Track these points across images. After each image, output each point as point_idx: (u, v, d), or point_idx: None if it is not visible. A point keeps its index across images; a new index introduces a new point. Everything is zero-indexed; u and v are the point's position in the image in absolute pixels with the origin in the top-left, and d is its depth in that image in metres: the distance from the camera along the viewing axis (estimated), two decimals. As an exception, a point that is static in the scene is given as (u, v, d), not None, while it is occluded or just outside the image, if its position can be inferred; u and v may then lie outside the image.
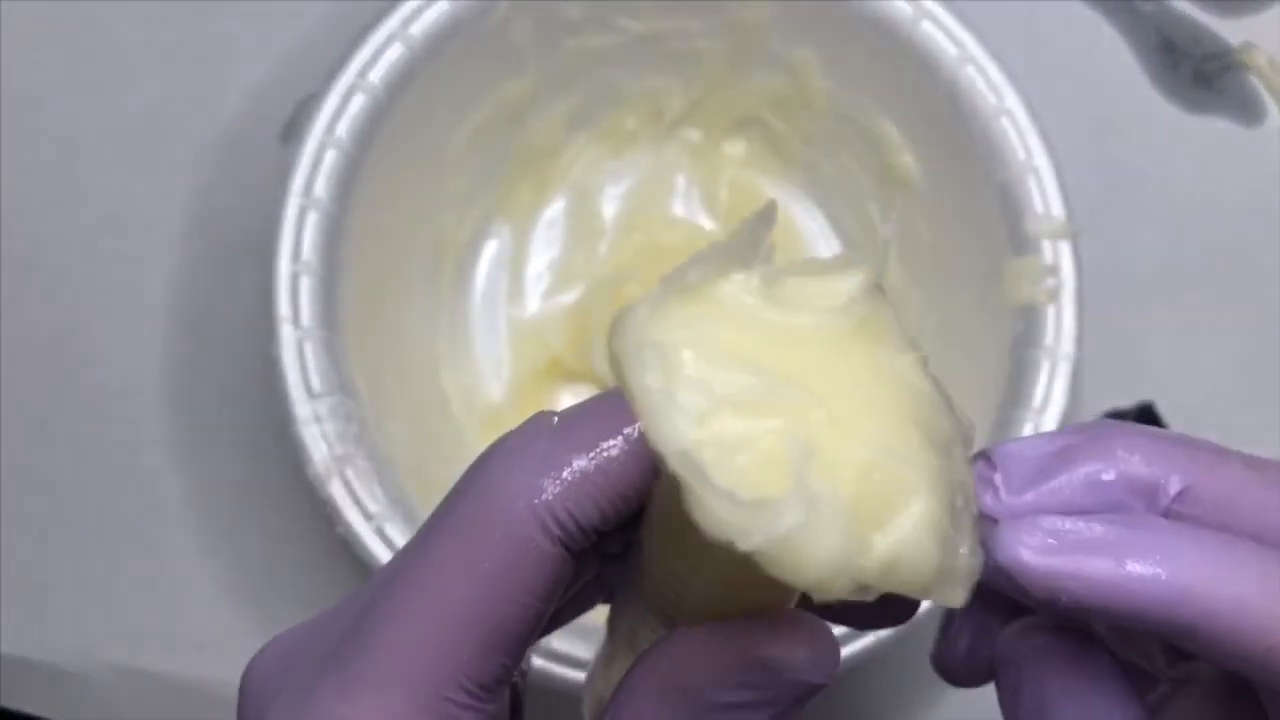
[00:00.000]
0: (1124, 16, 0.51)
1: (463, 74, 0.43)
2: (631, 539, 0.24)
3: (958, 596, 0.19)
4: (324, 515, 0.38)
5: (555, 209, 0.49)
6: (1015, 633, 0.24)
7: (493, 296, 0.48)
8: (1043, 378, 0.40)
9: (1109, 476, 0.22)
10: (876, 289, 0.21)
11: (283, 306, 0.39)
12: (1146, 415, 0.46)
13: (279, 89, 0.49)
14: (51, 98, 0.49)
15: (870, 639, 0.37)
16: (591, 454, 0.21)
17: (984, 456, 0.22)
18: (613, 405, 0.22)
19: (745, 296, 0.20)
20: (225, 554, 0.46)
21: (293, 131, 0.48)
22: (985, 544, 0.21)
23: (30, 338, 0.48)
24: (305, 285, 0.39)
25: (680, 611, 0.22)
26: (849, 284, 0.20)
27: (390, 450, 0.40)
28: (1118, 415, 0.47)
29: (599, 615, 0.26)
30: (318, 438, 0.38)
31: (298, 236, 0.39)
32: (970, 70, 0.42)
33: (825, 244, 0.49)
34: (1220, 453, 0.23)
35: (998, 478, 0.22)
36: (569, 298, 0.48)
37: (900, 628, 0.36)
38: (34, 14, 0.50)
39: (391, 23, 0.41)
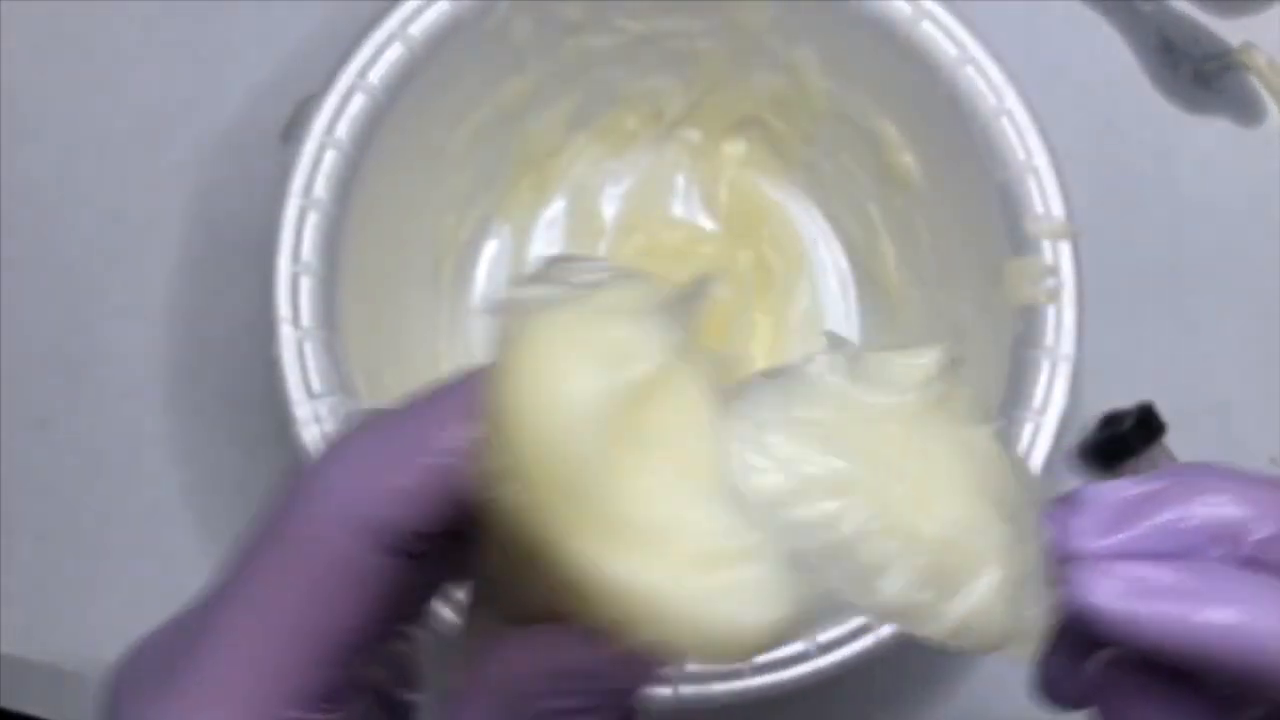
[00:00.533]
0: (1124, 17, 0.51)
1: (463, 74, 0.43)
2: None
3: (1025, 653, 0.21)
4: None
5: (555, 209, 0.49)
6: (1109, 662, 0.24)
7: (493, 296, 0.48)
8: (1043, 378, 0.40)
9: (1191, 523, 0.22)
10: (952, 365, 0.22)
11: (282, 307, 0.39)
12: (1146, 415, 0.46)
13: (279, 89, 0.49)
14: (52, 98, 0.49)
15: (870, 640, 0.37)
16: (408, 463, 0.21)
17: (1068, 499, 0.23)
18: (433, 407, 0.22)
19: (831, 376, 0.21)
20: (225, 554, 0.46)
21: (293, 131, 0.48)
22: (1064, 588, 0.22)
23: (31, 337, 0.48)
24: (305, 285, 0.39)
25: (513, 609, 0.23)
26: (926, 360, 0.22)
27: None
28: (1117, 415, 0.47)
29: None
30: (318, 438, 0.38)
31: (297, 237, 0.39)
32: (970, 70, 0.42)
33: (825, 244, 0.49)
34: None
35: (1078, 522, 0.23)
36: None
37: (894, 633, 0.37)
38: (35, 14, 0.50)
39: (391, 23, 0.41)
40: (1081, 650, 0.25)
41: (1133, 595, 0.22)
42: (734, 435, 0.21)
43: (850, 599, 0.20)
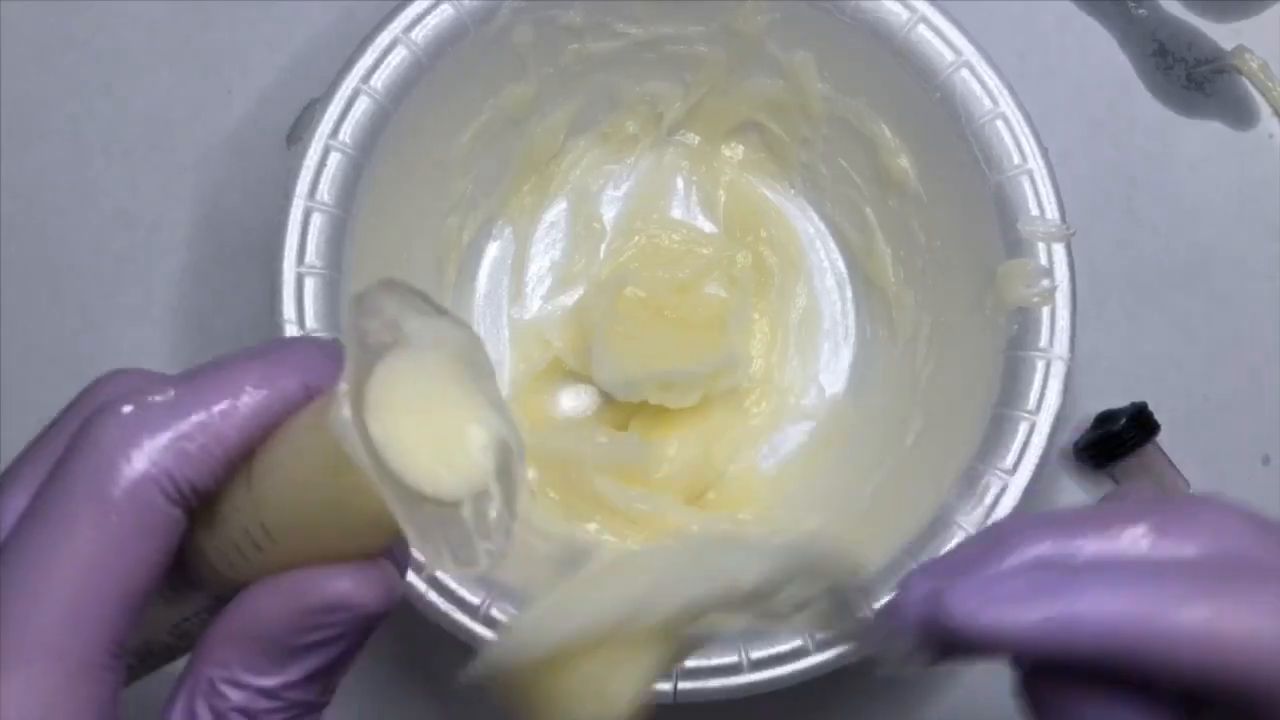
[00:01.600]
0: (1117, 20, 0.52)
1: (465, 78, 0.43)
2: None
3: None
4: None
5: (556, 211, 0.49)
6: (1031, 673, 0.26)
7: (495, 298, 0.48)
8: (1037, 379, 0.40)
9: (1021, 561, 0.24)
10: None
11: (287, 308, 0.39)
12: (1140, 415, 0.47)
13: (284, 93, 0.49)
14: (58, 101, 0.50)
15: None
16: (209, 420, 0.22)
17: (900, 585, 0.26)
18: (230, 370, 0.23)
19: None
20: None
21: (297, 135, 0.49)
22: (932, 619, 0.24)
23: (36, 339, 0.48)
24: (310, 287, 0.39)
25: (246, 571, 0.24)
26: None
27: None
28: (1111, 415, 0.47)
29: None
30: (322, 437, 0.38)
31: (302, 239, 0.40)
32: (965, 74, 0.42)
33: (822, 246, 0.49)
34: (1125, 535, 0.25)
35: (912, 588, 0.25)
36: (570, 299, 0.48)
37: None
38: (40, 17, 0.50)
39: (395, 28, 0.41)
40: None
41: (986, 602, 0.24)
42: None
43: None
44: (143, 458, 0.22)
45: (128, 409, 0.22)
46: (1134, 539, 0.24)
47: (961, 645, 0.24)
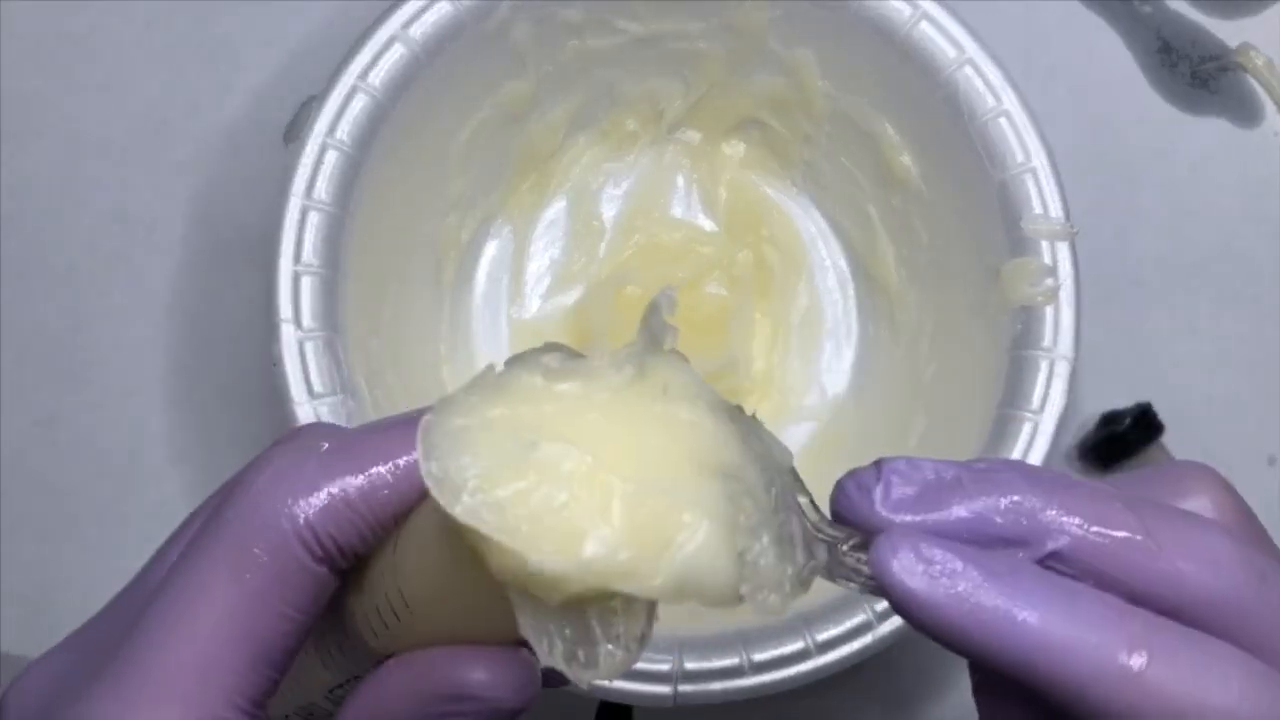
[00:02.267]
0: (1122, 18, 0.51)
1: (463, 75, 0.43)
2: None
3: (774, 609, 0.21)
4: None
5: (556, 210, 0.49)
6: (978, 683, 0.24)
7: (494, 297, 0.48)
8: (1041, 378, 0.40)
9: (990, 519, 0.22)
10: (665, 352, 0.23)
11: (284, 307, 0.39)
12: (1144, 415, 0.46)
13: (280, 90, 0.49)
14: (54, 98, 0.49)
15: (868, 638, 0.37)
16: (360, 482, 0.22)
17: (876, 464, 0.23)
18: (386, 434, 0.23)
19: (534, 379, 0.22)
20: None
21: (294, 132, 0.48)
22: (870, 554, 0.22)
23: (32, 337, 0.48)
24: (306, 285, 0.39)
25: (388, 641, 0.24)
26: (618, 352, 0.22)
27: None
28: (1115, 415, 0.47)
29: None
30: (319, 437, 0.38)
31: (299, 237, 0.40)
32: (968, 71, 0.42)
33: (824, 244, 0.49)
34: (1111, 511, 0.22)
35: (879, 490, 0.22)
36: (569, 298, 0.48)
37: (892, 630, 0.37)
38: (37, 15, 0.50)
39: (392, 24, 0.41)
40: None
41: (928, 576, 0.21)
42: (437, 434, 0.21)
43: (559, 569, 0.20)
44: (289, 512, 0.22)
45: (284, 462, 0.22)
46: (1124, 543, 0.22)
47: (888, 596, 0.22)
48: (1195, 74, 0.51)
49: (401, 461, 0.23)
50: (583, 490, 0.20)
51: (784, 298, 0.48)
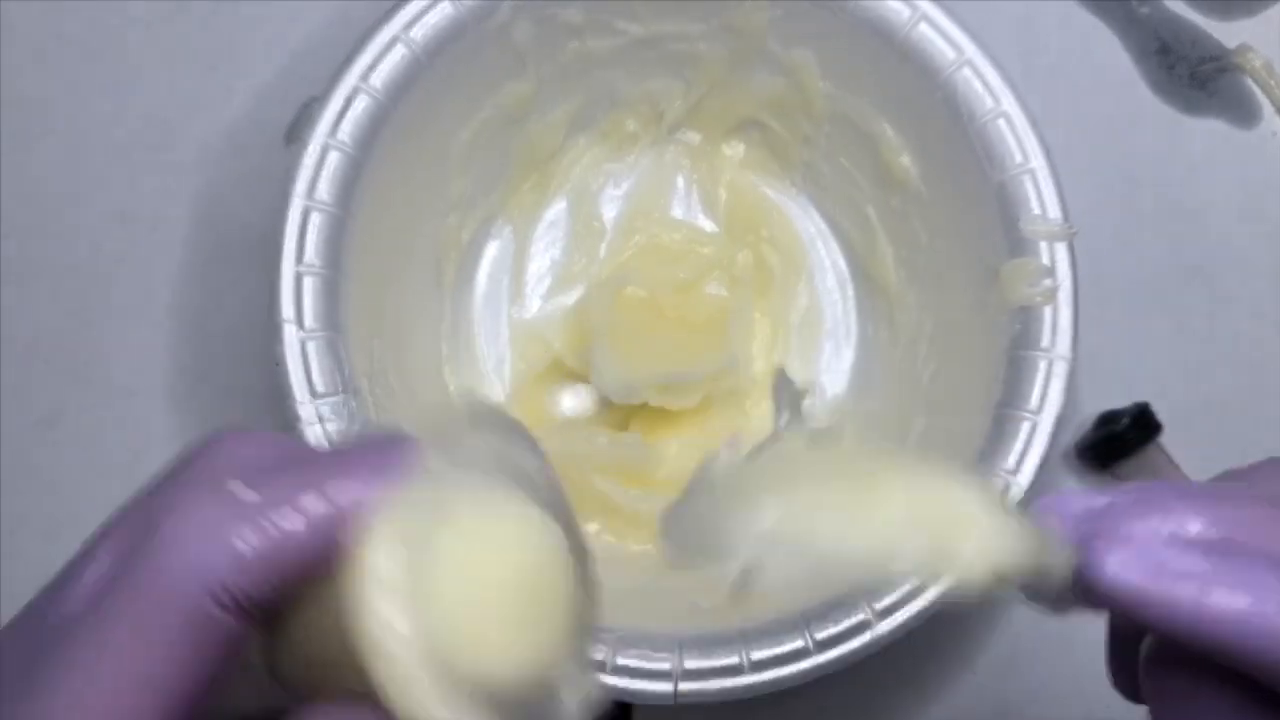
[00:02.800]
0: (1120, 19, 0.51)
1: (464, 76, 0.43)
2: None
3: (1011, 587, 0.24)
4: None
5: (556, 210, 0.49)
6: (1154, 658, 0.25)
7: (494, 297, 0.48)
8: (1039, 379, 0.40)
9: (1161, 533, 0.23)
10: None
11: (286, 307, 0.39)
12: (1142, 415, 0.46)
13: (282, 91, 0.49)
14: (57, 99, 0.50)
15: (867, 637, 0.37)
16: (272, 536, 0.22)
17: (1042, 504, 0.25)
18: (296, 475, 0.23)
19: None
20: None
21: (296, 133, 0.48)
22: (1080, 561, 0.23)
23: (36, 337, 0.48)
24: (309, 286, 0.39)
25: (303, 685, 0.24)
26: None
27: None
28: (1113, 415, 0.47)
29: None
30: (321, 437, 0.38)
31: (301, 238, 0.40)
32: (967, 73, 0.42)
33: (823, 245, 0.49)
34: (1264, 500, 0.24)
35: (1053, 517, 0.24)
36: (570, 298, 0.48)
37: (890, 629, 0.37)
38: (39, 16, 0.50)
39: (394, 25, 0.41)
40: (1128, 650, 0.26)
41: (1149, 573, 0.22)
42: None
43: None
44: (200, 564, 0.21)
45: (194, 512, 0.22)
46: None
47: (1104, 602, 0.23)
48: (1193, 75, 0.51)
49: (318, 509, 0.22)
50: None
51: (784, 298, 0.48)
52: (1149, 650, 0.25)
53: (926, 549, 0.24)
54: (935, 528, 0.24)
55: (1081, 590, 0.23)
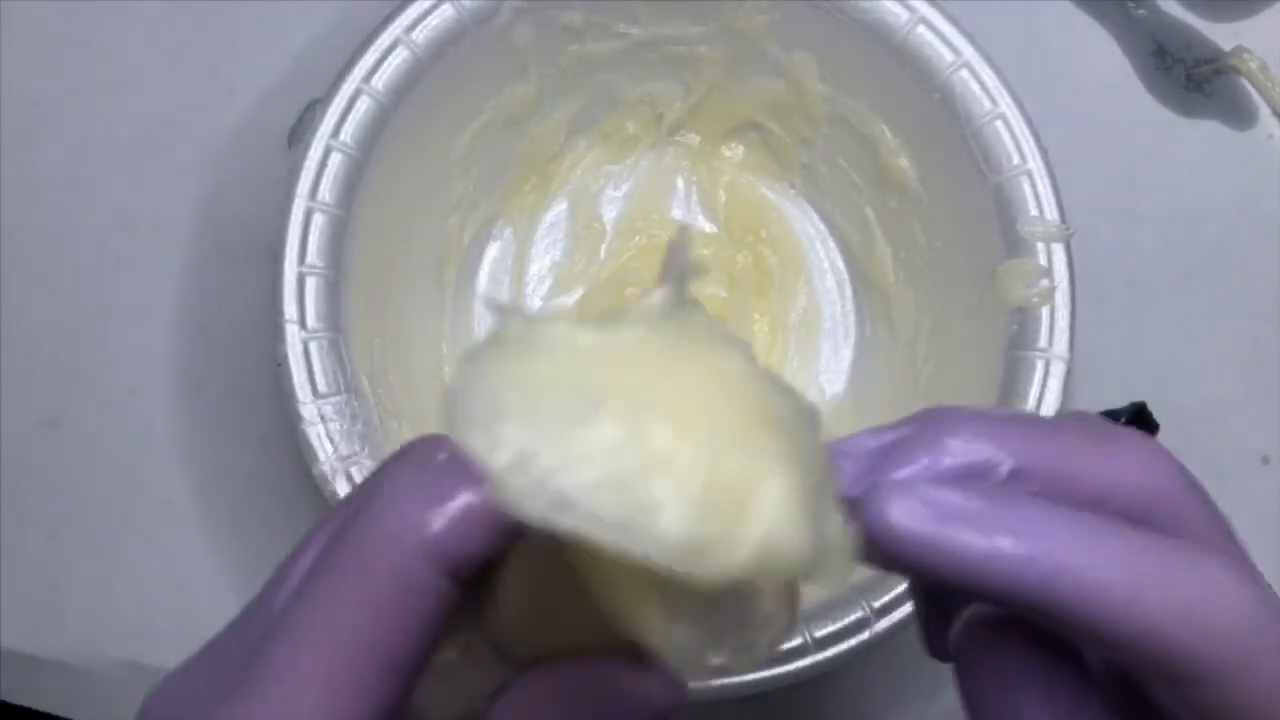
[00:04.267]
0: (1117, 21, 0.52)
1: (466, 79, 0.43)
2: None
3: (840, 577, 0.20)
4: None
5: (557, 211, 0.49)
6: (969, 622, 0.24)
7: (495, 298, 0.48)
8: (1036, 379, 0.40)
9: (942, 464, 0.22)
10: (686, 299, 0.21)
11: (288, 308, 0.39)
12: (1139, 416, 0.47)
13: (284, 93, 0.49)
14: (59, 101, 0.50)
15: (866, 634, 0.37)
16: (480, 490, 0.21)
17: (832, 449, 0.22)
18: None
19: (560, 331, 0.20)
20: (232, 552, 0.46)
21: (298, 135, 0.49)
22: (864, 518, 0.21)
23: (39, 338, 0.48)
24: (311, 287, 0.39)
25: (526, 648, 0.23)
26: (654, 299, 0.21)
27: (394, 449, 0.40)
28: (1111, 416, 0.47)
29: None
30: (323, 437, 0.38)
31: (303, 239, 0.40)
32: (965, 74, 0.42)
33: (822, 246, 0.49)
34: (1054, 426, 0.23)
35: (845, 471, 0.22)
36: (570, 299, 0.48)
37: (889, 626, 0.37)
38: (41, 18, 0.50)
39: (396, 28, 0.41)
40: (941, 612, 0.24)
41: (929, 519, 0.21)
42: (473, 411, 0.19)
43: (635, 548, 0.18)
44: (411, 526, 0.21)
45: (403, 476, 0.22)
46: (1076, 453, 0.22)
47: (895, 559, 0.21)
48: (1190, 77, 0.51)
49: None
50: (652, 454, 0.18)
51: (782, 299, 0.48)
52: (970, 616, 0.23)
53: (699, 512, 0.18)
54: (714, 481, 0.19)
55: (875, 552, 0.21)
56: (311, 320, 0.39)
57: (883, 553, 0.21)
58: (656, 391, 0.19)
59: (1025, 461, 0.22)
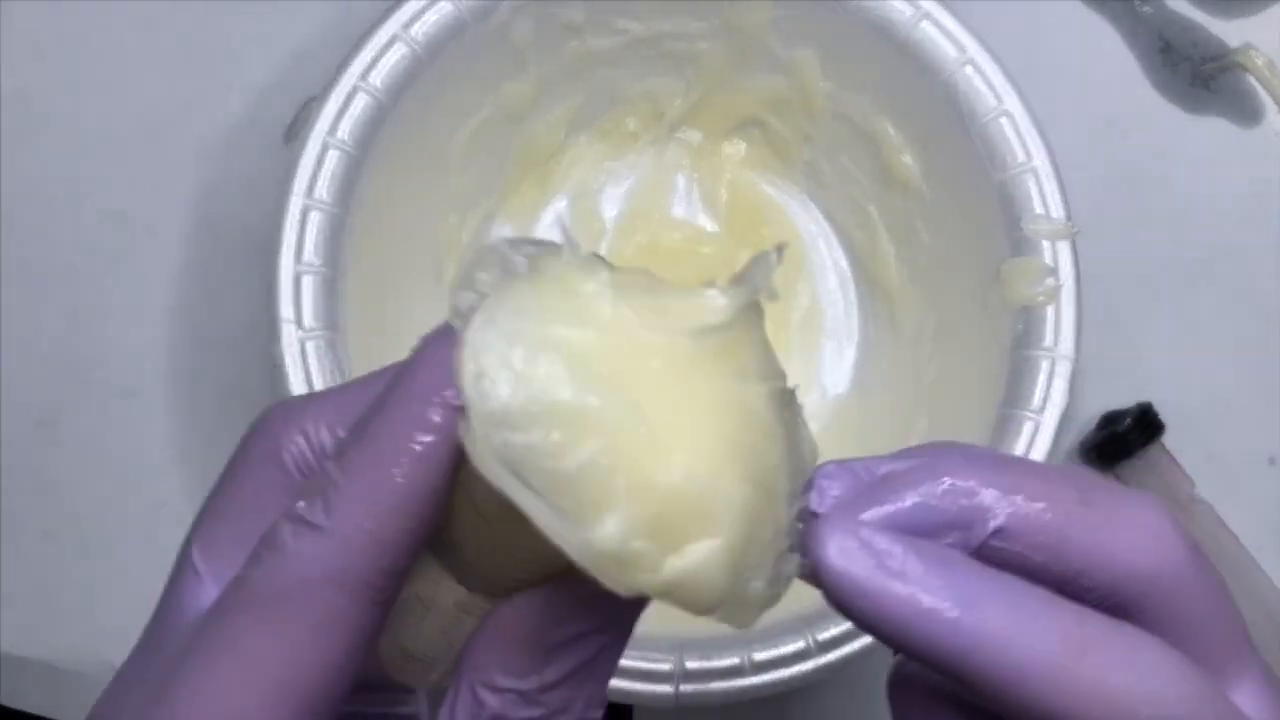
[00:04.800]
0: (1123, 18, 0.51)
1: (464, 75, 0.43)
2: None
3: (742, 623, 0.20)
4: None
5: (556, 209, 0.49)
6: (898, 678, 0.24)
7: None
8: (1042, 378, 0.40)
9: (930, 505, 0.22)
10: (751, 314, 0.21)
11: (285, 306, 0.39)
12: (1145, 416, 0.46)
13: (281, 90, 0.49)
14: (55, 99, 0.49)
15: (870, 637, 0.37)
16: (382, 514, 0.21)
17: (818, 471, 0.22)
18: (390, 437, 0.21)
19: (602, 299, 0.20)
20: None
21: (295, 132, 0.48)
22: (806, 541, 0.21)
23: (33, 338, 0.48)
24: (308, 285, 0.39)
25: (488, 580, 0.23)
26: (715, 305, 0.20)
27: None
28: (1116, 415, 0.47)
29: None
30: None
31: (300, 237, 0.40)
32: (969, 71, 0.42)
33: (825, 244, 0.49)
34: (1053, 483, 0.22)
35: (813, 495, 0.22)
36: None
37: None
38: (38, 15, 0.50)
39: (393, 24, 0.41)
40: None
41: (865, 563, 0.20)
42: (481, 342, 0.19)
43: (560, 535, 0.19)
44: (316, 566, 0.21)
45: (300, 506, 0.21)
46: (1065, 518, 0.21)
47: (824, 591, 0.21)
48: (1196, 74, 0.51)
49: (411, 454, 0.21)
50: (624, 460, 0.19)
51: (785, 298, 0.48)
52: (899, 671, 0.24)
53: (638, 530, 0.19)
54: (667, 510, 0.19)
55: (806, 569, 0.21)
56: (308, 319, 0.39)
57: (823, 587, 0.21)
58: (660, 402, 0.19)
59: (1013, 523, 0.21)
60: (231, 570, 0.22)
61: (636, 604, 0.22)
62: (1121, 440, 0.46)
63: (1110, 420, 0.47)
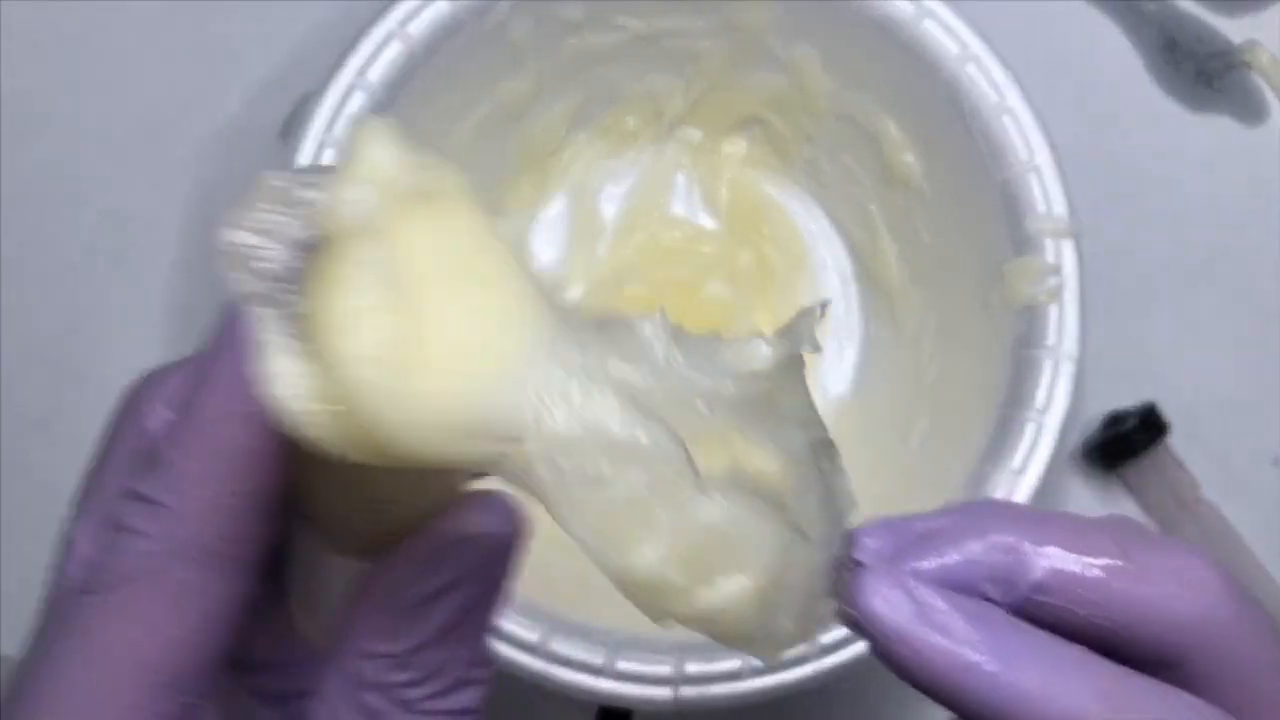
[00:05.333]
0: (1127, 15, 0.51)
1: (462, 73, 0.43)
2: None
3: (770, 658, 0.21)
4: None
5: (556, 208, 0.49)
6: None
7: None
8: (1045, 378, 0.40)
9: (972, 560, 0.22)
10: (795, 364, 0.22)
11: (282, 306, 0.39)
12: (1149, 415, 0.46)
13: (278, 87, 0.49)
14: (52, 97, 0.49)
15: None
16: (211, 480, 0.21)
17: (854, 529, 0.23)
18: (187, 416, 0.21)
19: (657, 341, 0.21)
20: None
21: (292, 129, 0.48)
22: (849, 591, 0.22)
23: (31, 337, 0.48)
24: (305, 285, 0.39)
25: (359, 540, 0.23)
26: (758, 354, 0.22)
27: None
28: (1120, 415, 0.47)
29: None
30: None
31: (297, 236, 0.39)
32: (972, 69, 0.42)
33: (826, 243, 0.49)
34: (1091, 537, 0.22)
35: (870, 542, 0.23)
36: (570, 297, 0.48)
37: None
38: (35, 14, 0.50)
39: (390, 21, 0.41)
40: None
41: (908, 614, 0.21)
42: (550, 370, 0.20)
43: (598, 557, 0.20)
44: (160, 544, 0.21)
45: (137, 483, 0.21)
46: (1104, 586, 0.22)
47: (868, 638, 0.22)
48: (1200, 72, 0.51)
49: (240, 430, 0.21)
50: (667, 494, 0.20)
51: (785, 297, 0.48)
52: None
53: (674, 561, 0.20)
54: (705, 545, 0.20)
55: (845, 616, 0.22)
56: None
57: (859, 629, 0.21)
58: (704, 440, 0.21)
59: (1052, 579, 0.22)
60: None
61: (500, 555, 0.23)
62: (1126, 441, 0.46)
63: (1115, 420, 0.47)
